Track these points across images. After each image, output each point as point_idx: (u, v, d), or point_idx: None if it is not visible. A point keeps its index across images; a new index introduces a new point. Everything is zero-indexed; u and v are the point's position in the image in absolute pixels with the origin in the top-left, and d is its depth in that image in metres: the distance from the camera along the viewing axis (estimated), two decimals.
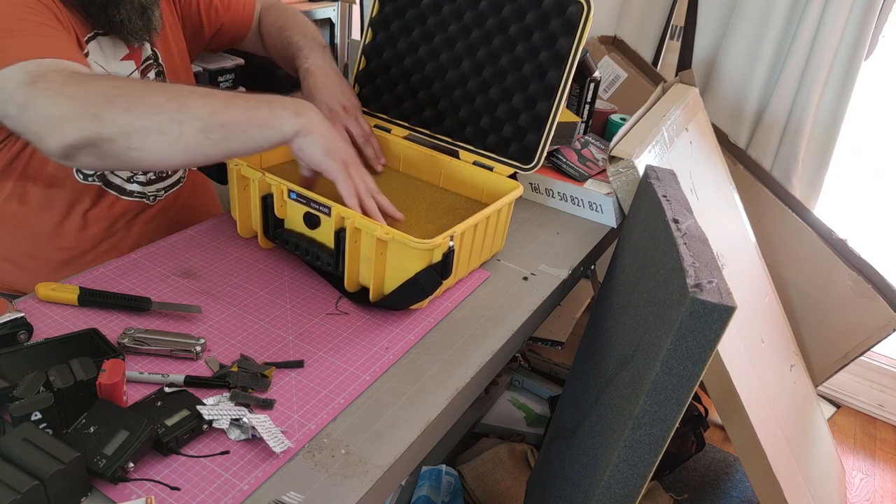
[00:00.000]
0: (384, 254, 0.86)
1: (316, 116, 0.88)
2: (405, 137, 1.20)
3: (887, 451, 2.02)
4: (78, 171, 1.03)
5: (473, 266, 1.02)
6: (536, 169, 1.11)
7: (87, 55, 0.97)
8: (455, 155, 1.16)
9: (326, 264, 0.91)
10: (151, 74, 1.09)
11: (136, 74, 1.05)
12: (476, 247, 0.99)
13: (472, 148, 1.16)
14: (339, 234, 0.88)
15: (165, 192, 1.15)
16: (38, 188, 1.02)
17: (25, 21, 0.84)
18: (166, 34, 1.14)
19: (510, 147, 1.13)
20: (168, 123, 0.79)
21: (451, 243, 0.86)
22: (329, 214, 0.88)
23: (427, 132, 1.21)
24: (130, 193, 1.10)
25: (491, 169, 1.11)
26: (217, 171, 1.02)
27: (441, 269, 0.87)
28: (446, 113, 1.19)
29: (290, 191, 0.92)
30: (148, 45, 1.09)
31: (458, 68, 1.17)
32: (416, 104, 1.22)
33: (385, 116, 1.24)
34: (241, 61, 2.36)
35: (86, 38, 0.98)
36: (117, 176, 1.07)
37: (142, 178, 1.10)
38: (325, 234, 0.91)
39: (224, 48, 1.31)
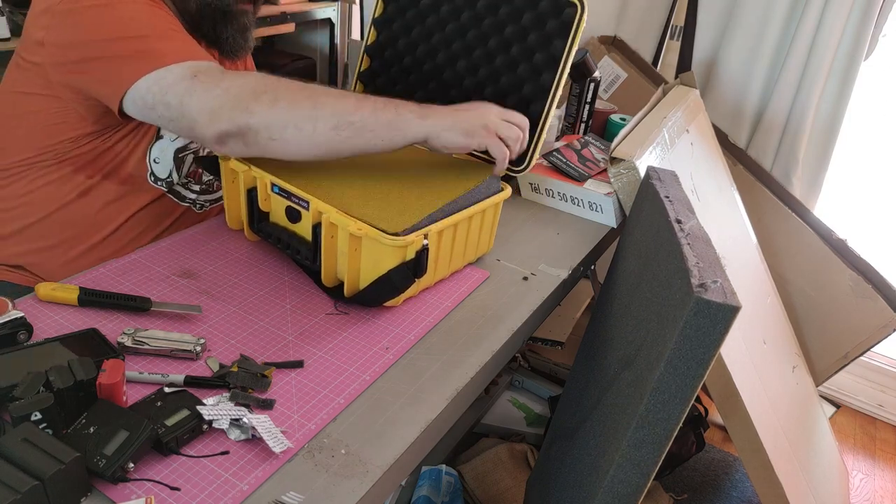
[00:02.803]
0: (358, 249, 0.87)
1: (438, 114, 0.93)
2: None
3: (887, 451, 2.02)
4: (151, 174, 1.10)
5: (456, 266, 1.01)
6: (528, 170, 1.12)
7: None
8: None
9: (305, 258, 0.92)
10: None
11: None
12: (458, 247, 0.98)
13: None
14: (316, 229, 0.89)
15: (211, 204, 1.21)
16: (112, 185, 1.07)
17: (176, 31, 0.96)
18: None
19: None
20: (304, 120, 0.87)
21: (426, 242, 0.87)
22: (307, 209, 0.89)
23: None
24: (184, 198, 1.16)
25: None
26: (211, 164, 1.04)
27: (414, 267, 0.87)
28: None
29: (272, 184, 0.93)
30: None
31: (455, 68, 1.18)
32: (411, 95, 1.22)
33: None
34: None
35: None
36: (180, 184, 1.15)
37: (196, 188, 1.17)
38: (304, 229, 0.92)
39: None
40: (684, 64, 1.95)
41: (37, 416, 0.62)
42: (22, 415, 0.62)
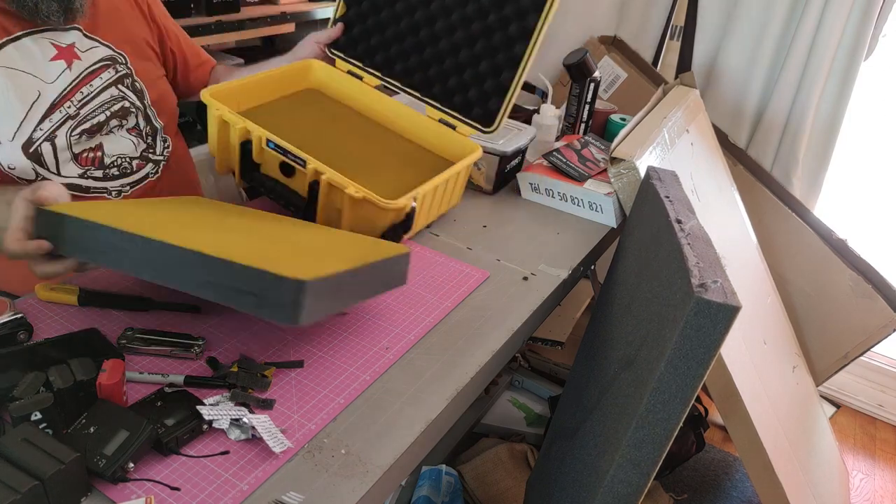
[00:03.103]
0: (354, 209, 0.93)
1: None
2: (377, 87, 1.25)
3: (887, 451, 2.02)
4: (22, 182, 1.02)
5: (432, 218, 1.12)
6: (495, 131, 1.17)
7: None
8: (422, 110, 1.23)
9: (297, 209, 0.99)
10: (106, 75, 1.09)
11: (68, 74, 1.04)
12: (435, 204, 1.08)
13: (438, 105, 1.21)
14: (313, 186, 0.94)
15: (132, 187, 1.14)
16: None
17: None
18: (136, 42, 1.16)
19: (473, 110, 1.19)
20: None
21: (414, 204, 0.96)
22: (304, 167, 0.94)
23: (397, 84, 1.24)
24: (89, 190, 1.09)
25: (454, 128, 1.18)
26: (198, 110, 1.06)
27: (404, 226, 0.97)
28: (417, 69, 1.23)
29: (268, 140, 0.96)
30: (103, 47, 1.09)
31: (433, 28, 1.21)
32: (389, 57, 1.25)
33: (359, 64, 1.27)
34: (240, 61, 2.36)
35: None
36: (76, 177, 1.07)
37: (99, 174, 1.09)
38: (298, 183, 0.98)
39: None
40: (684, 64, 1.95)
41: (37, 416, 0.62)
42: (22, 415, 0.62)
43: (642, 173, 1.12)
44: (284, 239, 0.86)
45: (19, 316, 0.76)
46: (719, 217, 1.44)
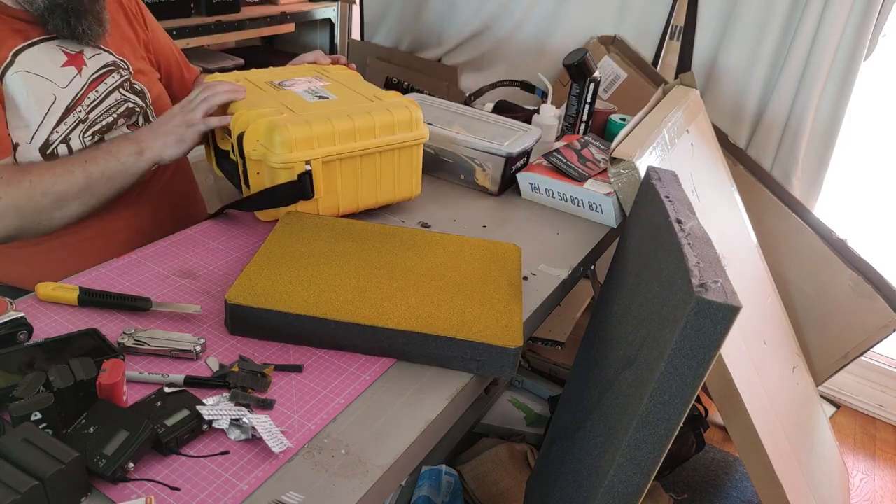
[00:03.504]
0: (254, 168, 1.01)
1: (148, 138, 1.05)
2: None
3: (887, 451, 2.02)
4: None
5: (383, 200, 1.13)
6: None
7: (10, 66, 1.01)
8: None
9: (239, 183, 1.07)
10: (110, 80, 1.13)
11: (79, 80, 1.08)
12: (368, 181, 1.08)
13: None
14: (239, 144, 1.01)
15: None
16: None
17: None
18: (136, 50, 1.21)
19: None
20: (33, 216, 1.00)
21: (308, 167, 0.99)
22: (230, 135, 1.04)
23: None
24: None
25: None
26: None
27: (300, 190, 1.00)
28: None
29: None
30: (105, 53, 1.13)
31: None
32: None
33: None
34: (241, 61, 2.36)
35: (13, 50, 1.01)
36: None
37: None
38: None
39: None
40: (684, 64, 1.95)
41: (37, 416, 0.62)
42: (22, 415, 0.62)
43: (642, 173, 1.12)
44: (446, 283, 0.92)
45: (19, 316, 0.76)
46: (719, 217, 1.44)
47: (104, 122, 1.11)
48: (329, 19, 2.71)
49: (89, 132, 1.09)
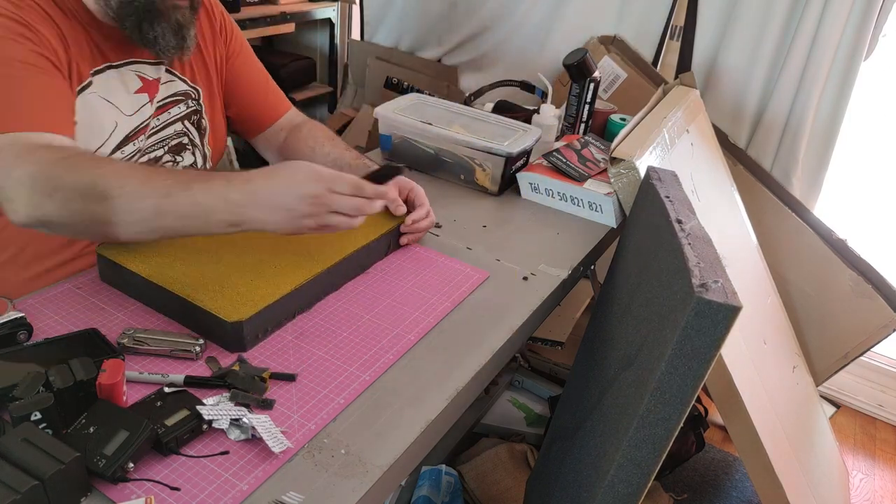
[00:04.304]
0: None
1: (251, 195, 0.79)
2: None
3: (887, 451, 2.02)
4: None
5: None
6: None
7: (88, 86, 0.95)
8: None
9: None
10: (175, 110, 1.07)
11: (148, 108, 1.03)
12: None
13: None
14: None
15: None
16: None
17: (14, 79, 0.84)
18: (210, 78, 1.13)
19: None
20: (99, 225, 0.79)
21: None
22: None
23: None
24: None
25: None
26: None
27: None
28: None
29: None
30: (180, 81, 1.08)
31: None
32: None
33: None
34: None
35: (93, 70, 0.96)
36: None
37: None
38: None
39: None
40: (684, 64, 1.95)
41: (37, 416, 0.62)
42: (22, 415, 0.62)
43: (642, 173, 1.12)
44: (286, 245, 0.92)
45: (19, 316, 0.76)
46: (719, 217, 1.44)
47: (153, 155, 1.05)
48: (329, 19, 2.72)
49: (142, 160, 1.03)
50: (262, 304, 0.81)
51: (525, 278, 1.04)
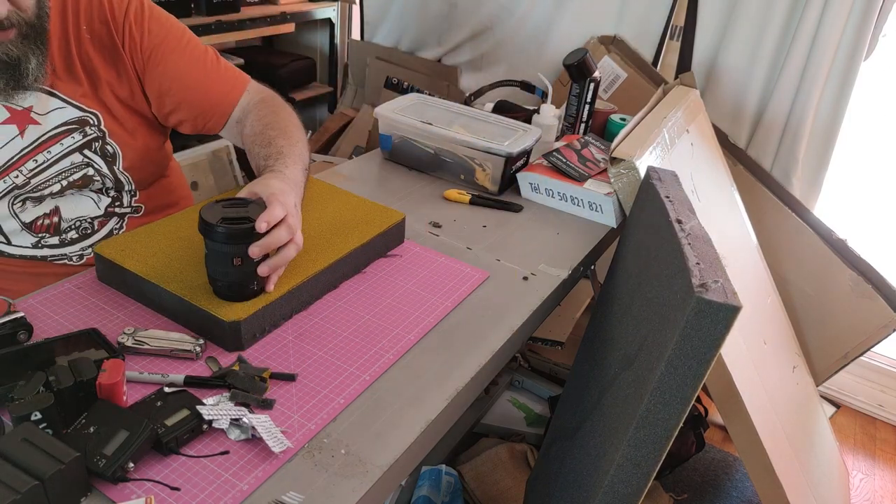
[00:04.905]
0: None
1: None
2: None
3: (887, 451, 2.02)
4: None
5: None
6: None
7: None
8: None
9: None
10: (68, 141, 0.98)
11: (19, 141, 0.95)
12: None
13: None
14: None
15: (92, 248, 0.96)
16: None
17: None
18: (114, 95, 1.02)
19: None
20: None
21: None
22: None
23: None
24: (45, 259, 1.02)
25: None
26: None
27: None
28: None
29: None
30: (72, 108, 0.98)
31: None
32: None
33: None
34: (240, 61, 2.36)
35: None
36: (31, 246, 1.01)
37: (53, 241, 1.02)
38: None
39: (191, 132, 1.12)
40: (684, 64, 1.95)
41: (37, 416, 0.62)
42: (22, 415, 0.62)
43: (642, 173, 1.12)
44: None
45: (19, 316, 0.76)
46: (719, 217, 1.44)
47: (47, 191, 0.97)
48: (329, 19, 2.72)
49: (20, 199, 0.95)
50: (260, 304, 0.82)
51: (525, 278, 1.04)
